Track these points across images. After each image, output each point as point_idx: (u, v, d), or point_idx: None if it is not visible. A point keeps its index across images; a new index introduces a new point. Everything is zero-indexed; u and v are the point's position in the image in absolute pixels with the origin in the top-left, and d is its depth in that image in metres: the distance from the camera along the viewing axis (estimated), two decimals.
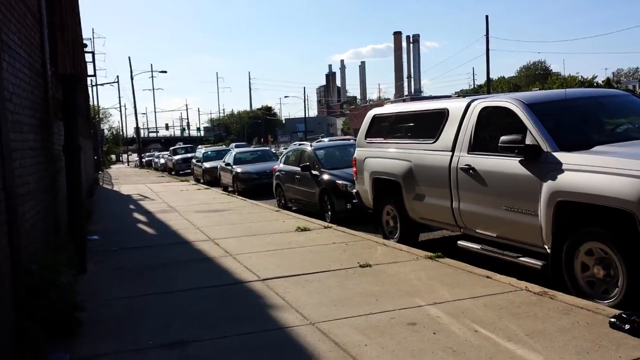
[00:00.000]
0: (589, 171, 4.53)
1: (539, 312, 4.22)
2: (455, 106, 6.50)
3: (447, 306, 4.51)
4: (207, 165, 22.79)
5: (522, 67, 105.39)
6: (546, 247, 4.98)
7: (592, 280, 4.60)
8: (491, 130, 5.88)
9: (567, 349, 3.49)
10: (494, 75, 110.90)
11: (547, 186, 4.86)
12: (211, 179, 21.42)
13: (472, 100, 6.32)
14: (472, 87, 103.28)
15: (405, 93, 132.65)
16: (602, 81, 79.09)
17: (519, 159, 5.21)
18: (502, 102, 5.82)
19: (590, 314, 4.07)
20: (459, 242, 6.28)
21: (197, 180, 24.03)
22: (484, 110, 6.04)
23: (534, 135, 5.17)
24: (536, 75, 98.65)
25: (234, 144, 45.98)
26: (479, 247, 5.93)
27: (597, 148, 4.85)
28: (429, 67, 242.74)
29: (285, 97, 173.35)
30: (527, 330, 3.85)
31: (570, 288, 4.71)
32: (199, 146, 37.23)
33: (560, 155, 4.87)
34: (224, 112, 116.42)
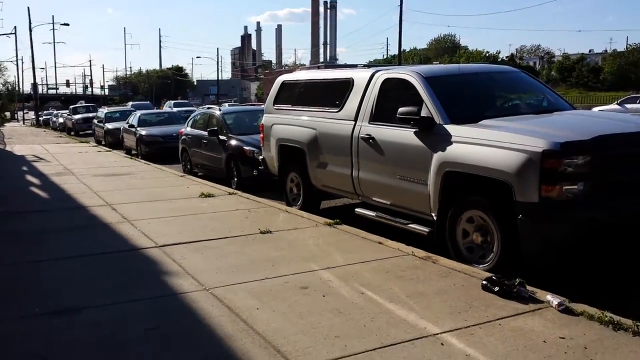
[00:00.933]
0: (474, 143, 4.83)
1: (421, 275, 4.52)
2: (360, 76, 6.64)
3: (339, 270, 4.71)
4: (109, 126, 21.79)
5: (433, 40, 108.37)
6: (433, 214, 5.29)
7: (471, 246, 4.97)
8: (392, 101, 6.05)
9: (442, 309, 3.79)
10: (406, 47, 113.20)
11: (437, 157, 5.14)
12: (113, 141, 20.52)
13: (376, 71, 6.46)
14: (385, 57, 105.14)
15: (321, 60, 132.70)
16: (506, 57, 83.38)
17: (414, 130, 5.44)
18: (402, 74, 6.02)
19: (466, 277, 4.41)
20: (356, 209, 6.52)
21: (99, 142, 22.97)
22: (386, 81, 6.22)
23: (428, 107, 5.41)
24: (446, 48, 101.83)
25: (130, 103, 38.61)
26: (374, 215, 6.19)
27: (484, 122, 5.15)
28: (345, 35, 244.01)
29: (198, 57, 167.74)
30: (408, 292, 4.12)
31: (452, 253, 5.07)
32: (102, 106, 35.19)
33: (450, 128, 5.14)
34: (131, 71, 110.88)
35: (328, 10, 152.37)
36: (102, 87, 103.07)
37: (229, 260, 5.16)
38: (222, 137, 10.81)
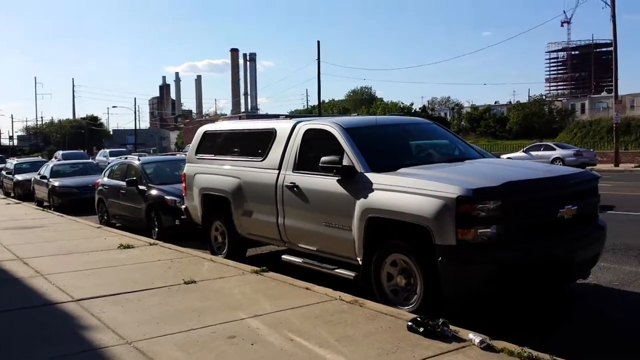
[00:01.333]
0: (394, 190, 5.06)
1: (349, 319, 4.58)
2: (282, 127, 6.80)
3: (267, 318, 4.68)
4: (19, 177, 20.71)
5: (351, 92, 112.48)
6: (358, 259, 5.42)
7: (396, 289, 5.11)
8: (314, 150, 6.23)
9: (370, 351, 3.85)
10: (326, 98, 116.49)
11: (359, 203, 5.31)
12: (23, 193, 19.48)
13: (298, 122, 6.66)
14: (305, 107, 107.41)
15: (242, 110, 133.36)
16: (419, 108, 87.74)
17: (337, 178, 5.61)
18: (323, 125, 6.24)
19: (392, 319, 4.52)
20: (283, 256, 6.54)
21: (7, 195, 21.70)
22: (308, 132, 6.41)
23: (349, 156, 5.63)
24: (363, 100, 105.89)
25: (60, 152, 39.00)
26: (301, 261, 6.23)
27: (402, 170, 5.41)
28: (265, 85, 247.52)
29: (114, 107, 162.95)
30: (337, 336, 4.16)
31: (377, 296, 5.19)
32: (11, 157, 33.23)
33: (371, 176, 5.36)
34: (42, 120, 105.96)
35: (247, 62, 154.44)
36: (11, 138, 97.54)
37: (152, 312, 4.99)
38: (141, 187, 10.56)
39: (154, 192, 10.24)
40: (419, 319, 4.26)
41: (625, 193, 15.73)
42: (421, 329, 4.13)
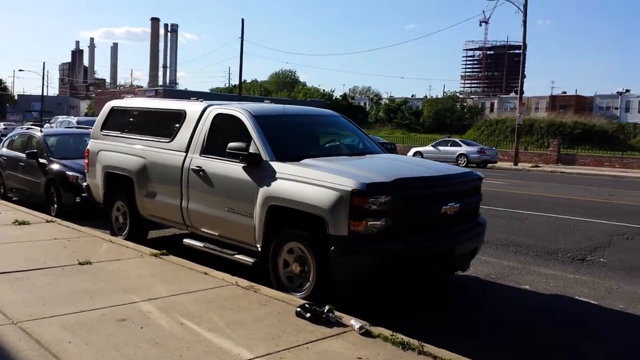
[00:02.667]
0: (296, 180, 5.24)
1: (242, 304, 4.74)
2: (192, 109, 6.77)
3: (160, 302, 4.74)
4: None
5: (274, 74, 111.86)
6: (258, 246, 5.58)
7: (291, 276, 5.33)
8: (223, 135, 6.25)
9: (257, 336, 4.04)
10: (248, 77, 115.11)
11: (262, 191, 5.45)
12: None
13: (209, 106, 6.66)
14: (227, 86, 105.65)
15: (160, 83, 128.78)
16: (340, 95, 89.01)
17: (243, 165, 5.71)
18: (233, 111, 6.29)
19: (283, 305, 4.73)
20: (184, 240, 6.57)
21: None
22: (218, 116, 6.44)
23: (256, 144, 5.74)
24: (285, 82, 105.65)
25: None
26: (202, 245, 6.30)
27: (306, 161, 5.60)
28: (186, 60, 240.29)
29: (20, 70, 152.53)
30: (227, 321, 4.31)
31: (274, 282, 5.38)
32: None
33: (276, 165, 5.51)
34: None
35: (169, 33, 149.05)
36: None
37: (42, 292, 4.89)
38: (42, 161, 10.11)
39: (55, 166, 9.84)
40: (307, 305, 4.49)
41: (518, 192, 16.95)
42: (308, 315, 4.37)
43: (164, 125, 7.08)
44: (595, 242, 8.74)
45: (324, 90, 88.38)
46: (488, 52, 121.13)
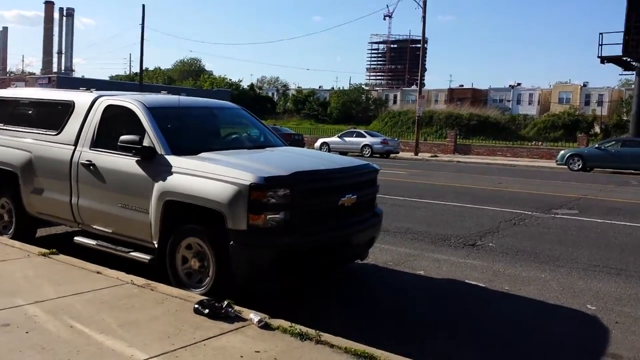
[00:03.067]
0: (193, 175, 5.13)
1: (137, 303, 4.59)
2: (81, 100, 6.42)
3: (48, 304, 4.48)
4: None
5: (179, 62, 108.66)
6: (155, 242, 5.42)
7: (190, 272, 5.23)
8: (115, 128, 5.99)
9: (152, 335, 3.93)
10: (151, 65, 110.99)
11: (158, 186, 5.29)
12: None
13: (99, 96, 6.34)
14: (127, 73, 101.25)
15: (55, 70, 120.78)
16: (247, 86, 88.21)
17: (137, 159, 5.51)
18: (125, 102, 6.03)
19: (181, 302, 4.63)
20: (75, 238, 6.24)
21: None
22: (109, 108, 6.15)
23: (150, 137, 5.55)
24: (190, 71, 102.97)
25: None
26: (94, 243, 6.01)
27: (203, 154, 5.49)
28: (84, 46, 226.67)
29: None
30: (121, 322, 4.15)
31: (172, 279, 5.26)
32: None
33: (171, 159, 5.36)
34: None
35: (64, 18, 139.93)
36: None
37: None
38: None
39: None
40: (205, 301, 4.43)
41: (417, 181, 17.72)
42: (206, 311, 4.31)
43: (51, 117, 6.66)
44: (485, 228, 9.32)
45: (231, 80, 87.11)
46: (392, 46, 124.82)
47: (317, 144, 36.13)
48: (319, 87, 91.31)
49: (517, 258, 7.45)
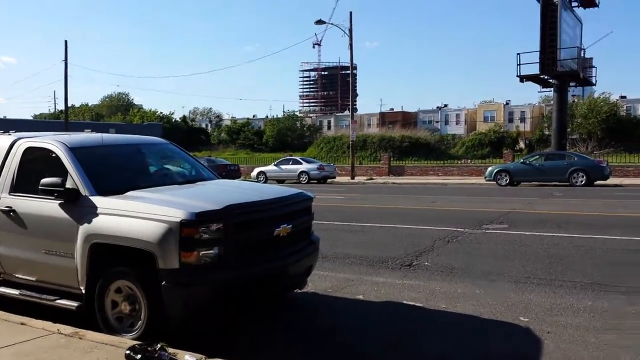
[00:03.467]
0: (120, 215, 4.96)
1: (65, 354, 4.34)
2: None
3: None
4: None
5: (106, 97, 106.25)
6: (82, 288, 5.17)
7: (120, 316, 5.01)
8: (35, 171, 5.75)
9: None
10: (77, 102, 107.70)
11: (83, 229, 5.08)
12: None
13: (18, 139, 6.07)
14: (52, 111, 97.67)
15: None
16: (180, 118, 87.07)
17: (59, 202, 5.28)
18: (45, 143, 5.80)
19: (112, 349, 4.42)
20: None
21: None
22: (29, 150, 5.89)
23: (74, 178, 5.34)
24: (119, 106, 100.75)
25: None
26: (17, 293, 5.67)
27: (131, 193, 5.33)
28: (6, 85, 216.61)
29: None
30: None
31: (102, 325, 5.02)
32: None
33: (96, 200, 5.17)
34: None
35: None
36: None
37: None
38: None
39: None
40: (137, 346, 4.25)
41: (354, 205, 17.93)
42: (139, 357, 4.13)
43: None
44: (421, 248, 9.52)
45: (162, 113, 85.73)
46: (322, 73, 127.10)
47: (254, 173, 36.00)
48: (253, 116, 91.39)
49: (452, 275, 7.63)
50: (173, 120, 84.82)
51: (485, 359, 4.77)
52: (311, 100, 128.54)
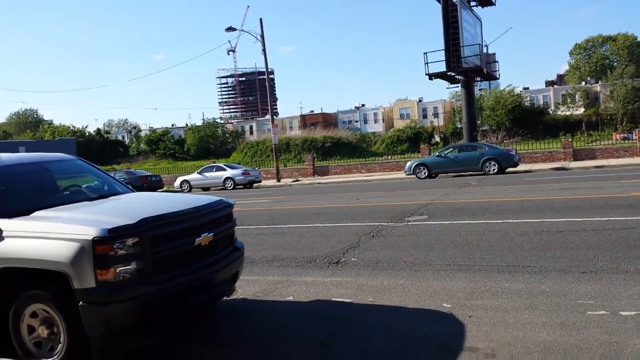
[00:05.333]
0: (28, 237, 4.69)
1: None
2: None
3: None
4: None
5: (14, 114, 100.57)
6: None
7: (39, 341, 4.75)
8: None
9: None
10: None
11: None
12: None
13: None
14: None
15: None
16: (94, 131, 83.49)
17: None
18: None
19: None
20: None
21: None
22: None
23: None
24: (28, 123, 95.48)
25: None
26: None
27: (37, 213, 5.05)
28: None
29: None
30: None
31: (19, 352, 4.75)
32: None
33: (1, 223, 4.86)
34: None
35: None
36: None
37: None
38: None
39: None
40: None
41: (281, 207, 17.92)
42: None
43: None
44: (347, 244, 9.66)
45: (74, 127, 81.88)
46: (240, 79, 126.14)
47: (177, 182, 35.19)
48: (172, 125, 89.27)
49: (378, 269, 7.80)
50: (87, 134, 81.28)
51: (412, 347, 4.91)
52: (231, 107, 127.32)
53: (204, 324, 6.04)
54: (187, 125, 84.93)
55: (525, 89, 75.83)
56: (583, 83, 76.04)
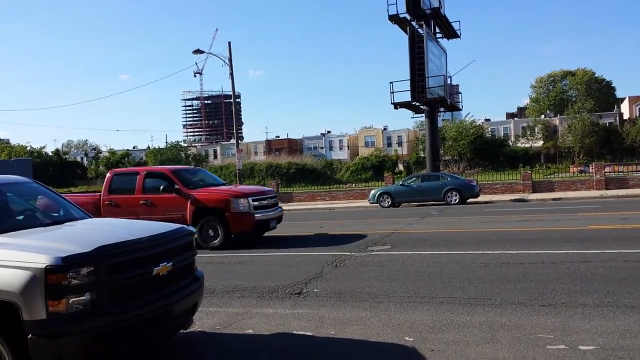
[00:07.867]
0: None
1: None
2: None
3: None
4: None
5: None
6: None
7: None
8: None
9: None
10: None
11: None
12: None
13: None
14: None
15: None
16: (52, 152, 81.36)
17: None
18: None
19: None
20: None
21: None
22: None
23: None
24: None
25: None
26: None
27: None
28: None
29: None
30: None
31: None
32: None
33: None
34: None
35: None
36: None
37: None
38: None
39: None
40: None
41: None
42: None
43: None
44: (310, 274, 9.55)
45: (32, 147, 79.72)
46: (206, 102, 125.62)
47: None
48: (134, 147, 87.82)
49: (340, 300, 7.71)
50: (44, 154, 79.16)
51: None
52: (195, 130, 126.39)
53: (160, 358, 5.81)
54: (149, 147, 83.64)
55: (486, 120, 77.91)
56: (542, 116, 78.56)
